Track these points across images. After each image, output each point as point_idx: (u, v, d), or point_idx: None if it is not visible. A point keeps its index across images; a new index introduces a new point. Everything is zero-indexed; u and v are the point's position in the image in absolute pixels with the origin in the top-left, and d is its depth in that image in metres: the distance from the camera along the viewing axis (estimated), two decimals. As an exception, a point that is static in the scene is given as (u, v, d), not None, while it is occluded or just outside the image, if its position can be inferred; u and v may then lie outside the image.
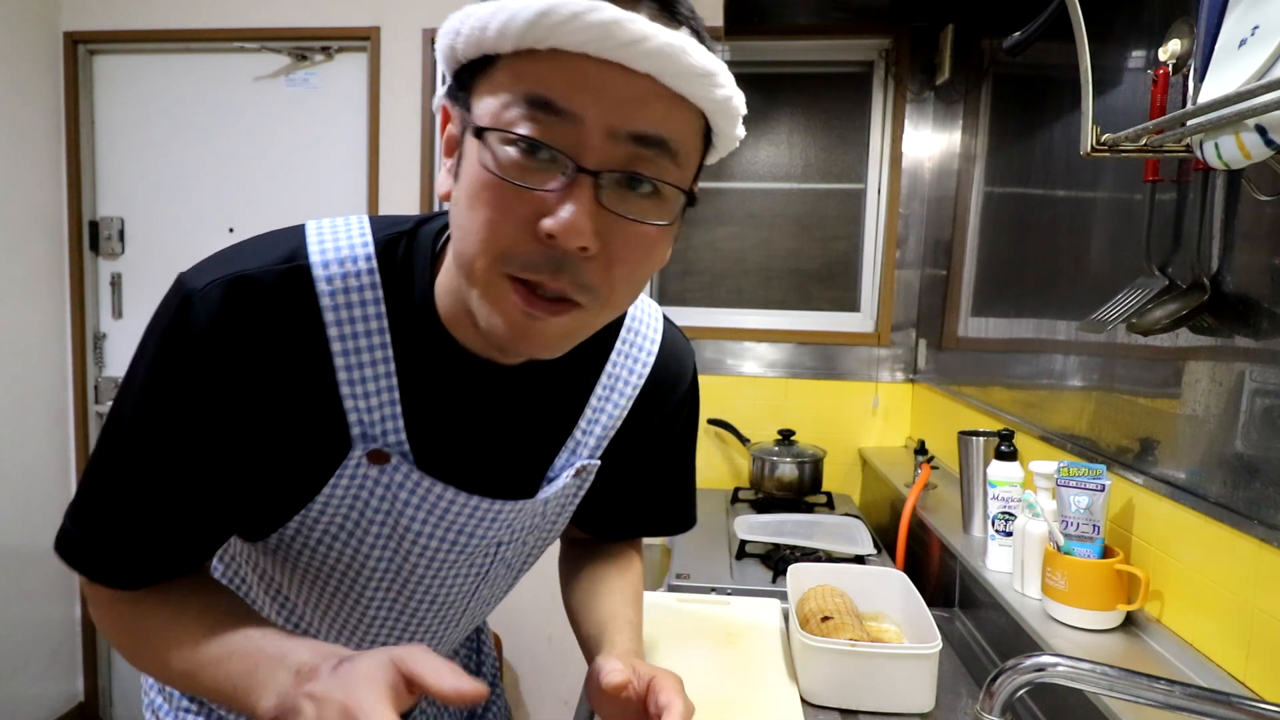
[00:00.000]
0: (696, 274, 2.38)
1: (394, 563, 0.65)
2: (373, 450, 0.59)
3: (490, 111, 0.48)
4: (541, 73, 0.46)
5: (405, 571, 0.66)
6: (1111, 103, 1.18)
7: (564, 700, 2.43)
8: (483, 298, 0.51)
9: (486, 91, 0.49)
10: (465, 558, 0.68)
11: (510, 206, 0.48)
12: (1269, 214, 0.85)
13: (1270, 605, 0.81)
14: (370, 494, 0.61)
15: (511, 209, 0.48)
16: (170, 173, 2.46)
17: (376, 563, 0.65)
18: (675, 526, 0.88)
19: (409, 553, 0.65)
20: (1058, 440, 1.31)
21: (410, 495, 0.62)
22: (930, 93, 2.20)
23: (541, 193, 0.47)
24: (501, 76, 0.48)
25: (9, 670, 2.31)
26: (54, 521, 0.61)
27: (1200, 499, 0.93)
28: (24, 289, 2.34)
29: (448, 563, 0.67)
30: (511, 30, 0.45)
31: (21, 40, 2.31)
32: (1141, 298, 1.00)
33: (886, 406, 2.28)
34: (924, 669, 0.96)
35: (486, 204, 0.48)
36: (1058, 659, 0.61)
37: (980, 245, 1.80)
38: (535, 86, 0.47)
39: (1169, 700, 0.57)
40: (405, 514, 0.62)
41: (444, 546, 0.66)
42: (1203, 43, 0.73)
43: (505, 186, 0.47)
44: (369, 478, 0.60)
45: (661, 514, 0.87)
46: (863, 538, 1.64)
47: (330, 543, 0.64)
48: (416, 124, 2.33)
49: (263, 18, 2.36)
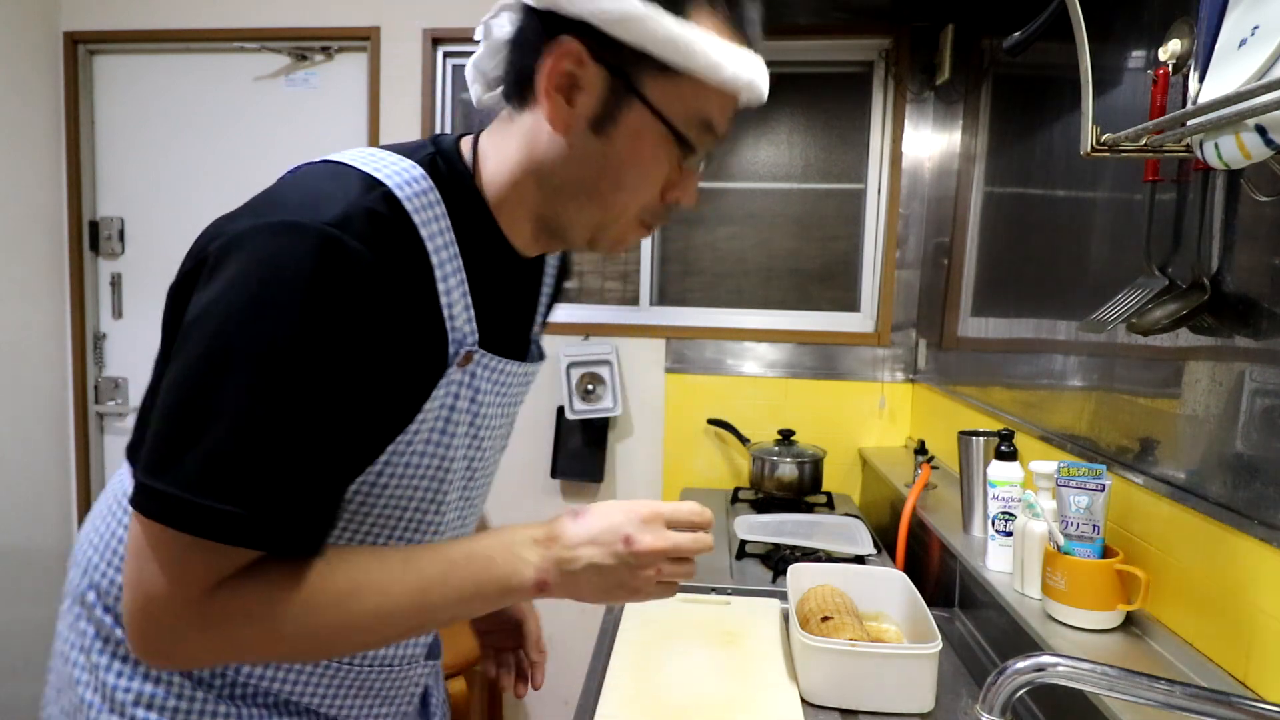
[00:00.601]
0: (696, 274, 2.38)
1: (469, 458, 0.71)
2: (465, 353, 0.66)
3: (675, 103, 0.63)
4: (719, 105, 0.65)
5: (476, 461, 0.73)
6: (1111, 103, 1.18)
7: (564, 700, 2.43)
8: (612, 226, 0.69)
9: (668, 87, 0.63)
10: (506, 423, 0.78)
11: (658, 177, 0.67)
12: (1269, 214, 0.85)
13: (1270, 605, 0.81)
14: (457, 398, 0.67)
15: (658, 179, 0.67)
16: (170, 173, 2.46)
17: (457, 465, 0.70)
18: None
19: (482, 441, 0.72)
20: (1058, 440, 1.31)
21: (484, 382, 0.69)
22: (930, 93, 2.20)
23: (680, 176, 0.68)
24: (686, 89, 0.63)
25: (9, 670, 2.31)
26: (54, 522, 0.59)
27: (1200, 499, 0.93)
28: (24, 289, 2.34)
29: (499, 433, 0.77)
30: (719, 75, 0.62)
31: (21, 40, 2.31)
32: (1141, 298, 0.99)
33: (887, 406, 2.28)
34: (925, 669, 0.96)
35: (649, 172, 0.66)
36: (1058, 659, 0.61)
37: (980, 245, 1.80)
38: (710, 112, 0.65)
39: (1169, 700, 0.57)
40: (483, 403, 0.70)
41: (500, 417, 0.75)
42: (1203, 43, 0.73)
43: (667, 164, 0.66)
44: (455, 382, 0.66)
45: None
46: (863, 538, 1.64)
47: (416, 468, 0.67)
48: (416, 124, 2.33)
49: (263, 18, 2.36)
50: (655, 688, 1.01)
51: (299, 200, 0.58)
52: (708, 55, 0.61)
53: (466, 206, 0.66)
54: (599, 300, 2.39)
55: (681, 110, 0.64)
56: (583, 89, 0.63)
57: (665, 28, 0.60)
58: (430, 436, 0.66)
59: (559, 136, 0.64)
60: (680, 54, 0.61)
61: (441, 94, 2.37)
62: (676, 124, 0.64)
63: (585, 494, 2.38)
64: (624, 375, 2.33)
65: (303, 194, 0.59)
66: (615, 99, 0.63)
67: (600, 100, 0.63)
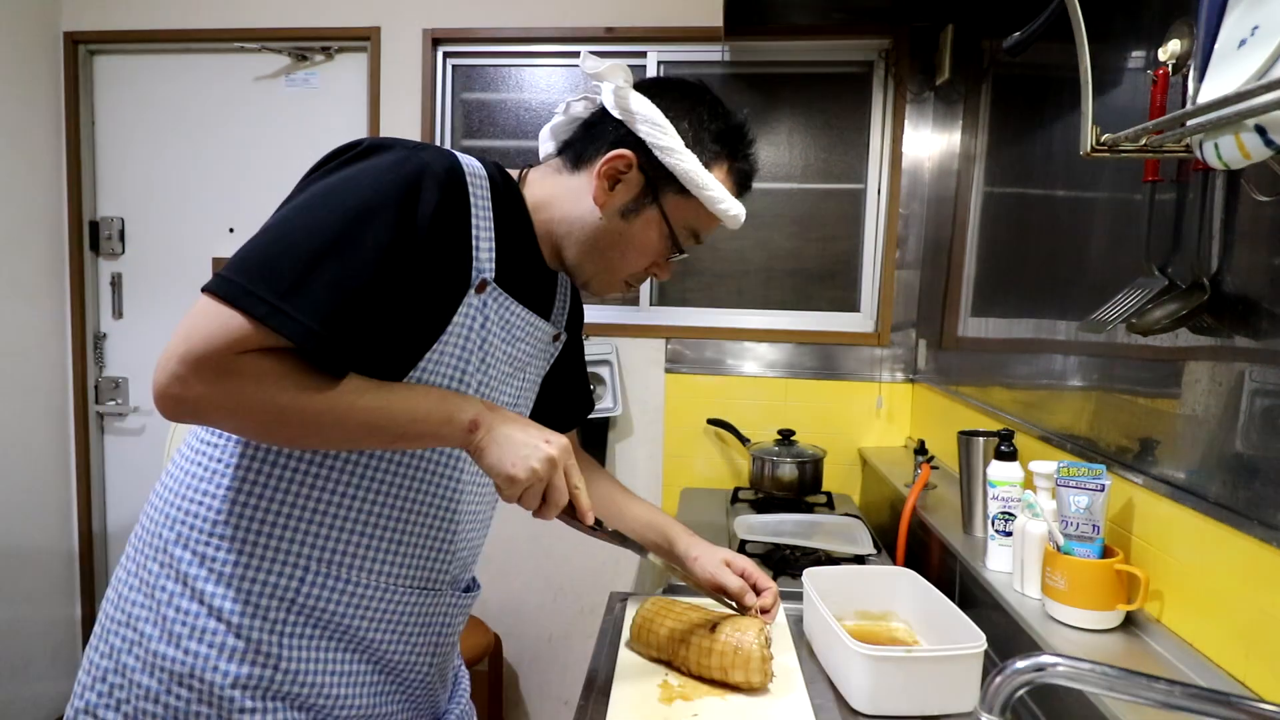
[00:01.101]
0: (696, 274, 2.38)
1: (479, 394, 0.86)
2: (481, 279, 0.83)
3: (681, 216, 0.90)
4: (708, 224, 0.93)
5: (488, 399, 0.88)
6: (1111, 103, 1.18)
7: (564, 700, 2.43)
8: (603, 279, 0.94)
9: (680, 204, 0.90)
10: (514, 378, 0.94)
11: (650, 258, 0.93)
12: (1269, 214, 0.85)
13: (1270, 605, 0.81)
14: (471, 325, 0.84)
15: (649, 259, 0.93)
16: (170, 173, 2.46)
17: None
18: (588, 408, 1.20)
19: (491, 379, 0.88)
20: (1057, 440, 1.31)
21: (493, 313, 0.86)
22: (930, 93, 2.20)
23: (664, 261, 0.95)
24: (692, 209, 0.90)
25: (9, 670, 2.31)
26: (54, 522, 0.61)
27: (1200, 499, 0.93)
28: (24, 289, 2.35)
29: (508, 384, 0.92)
30: (717, 207, 0.89)
31: (21, 40, 2.31)
32: (1141, 298, 1.00)
33: (887, 406, 2.28)
34: (971, 668, 0.95)
35: (646, 254, 0.92)
36: (1058, 659, 0.61)
37: (980, 245, 1.80)
38: (701, 228, 0.93)
39: (1169, 700, 0.57)
40: (489, 337, 0.86)
41: (506, 363, 0.91)
42: (1202, 43, 0.73)
43: (659, 253, 0.93)
44: (472, 306, 0.83)
45: (586, 399, 1.18)
46: (863, 538, 1.64)
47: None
48: (416, 124, 2.34)
49: (263, 18, 2.37)
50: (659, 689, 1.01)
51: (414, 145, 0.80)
52: (712, 194, 0.88)
53: (509, 196, 0.88)
54: (599, 300, 2.39)
55: (683, 221, 0.91)
56: (623, 184, 0.88)
57: (693, 168, 0.86)
58: (449, 360, 0.83)
59: (595, 209, 0.89)
60: (696, 188, 0.87)
61: (441, 94, 2.37)
62: (677, 230, 0.91)
63: (585, 494, 2.38)
64: (624, 375, 2.33)
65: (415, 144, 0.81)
66: (643, 199, 0.89)
67: (632, 196, 0.89)
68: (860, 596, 1.19)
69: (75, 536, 2.48)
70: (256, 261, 0.70)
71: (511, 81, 2.40)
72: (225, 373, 0.68)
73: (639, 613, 1.10)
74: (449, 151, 0.82)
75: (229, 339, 0.67)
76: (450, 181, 0.78)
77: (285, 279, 0.69)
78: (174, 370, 0.68)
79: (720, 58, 2.30)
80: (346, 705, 0.85)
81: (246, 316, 0.67)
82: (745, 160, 0.93)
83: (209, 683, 0.78)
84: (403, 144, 0.79)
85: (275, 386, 0.70)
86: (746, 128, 0.93)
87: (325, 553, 0.82)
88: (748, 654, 0.97)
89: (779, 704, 0.97)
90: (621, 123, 0.87)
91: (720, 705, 0.96)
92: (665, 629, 1.05)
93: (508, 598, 2.41)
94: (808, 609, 1.16)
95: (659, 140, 0.85)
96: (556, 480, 0.81)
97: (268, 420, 0.73)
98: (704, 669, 1.00)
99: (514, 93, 2.40)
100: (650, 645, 1.06)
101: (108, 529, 2.55)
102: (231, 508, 0.80)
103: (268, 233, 0.72)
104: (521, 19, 2.31)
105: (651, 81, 0.92)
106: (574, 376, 1.13)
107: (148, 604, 0.81)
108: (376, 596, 0.85)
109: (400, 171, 0.75)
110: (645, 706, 0.96)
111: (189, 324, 0.68)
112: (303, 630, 0.82)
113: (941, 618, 1.07)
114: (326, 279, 0.70)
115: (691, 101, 0.90)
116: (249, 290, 0.68)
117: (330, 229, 0.71)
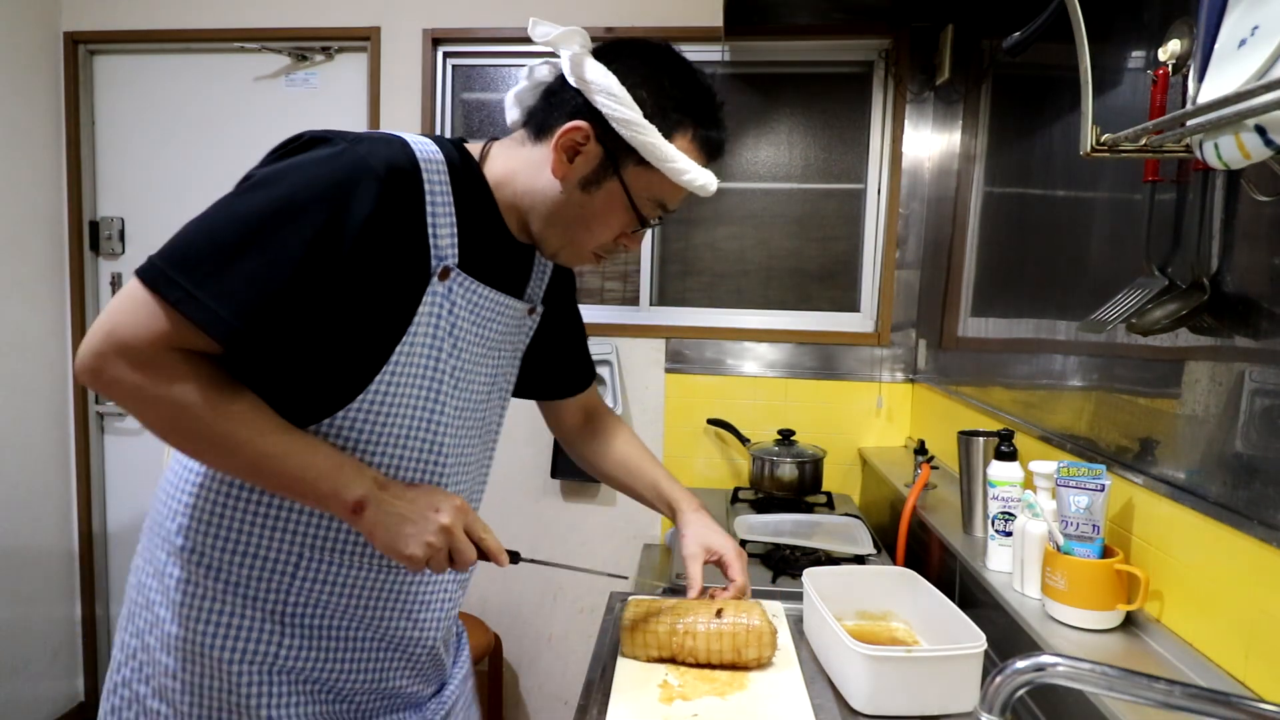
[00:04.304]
0: (696, 274, 2.38)
1: (456, 388, 0.88)
2: (442, 268, 0.82)
3: (643, 187, 0.86)
4: (673, 193, 0.88)
5: (464, 383, 0.90)
6: (1111, 103, 1.18)
7: (564, 700, 2.43)
8: (571, 251, 0.91)
9: (643, 176, 0.85)
10: (489, 361, 0.94)
11: (614, 230, 0.90)
12: (1269, 214, 0.85)
13: (1270, 605, 0.81)
14: (439, 314, 0.83)
15: (614, 232, 0.90)
16: (170, 173, 2.46)
17: (445, 387, 0.86)
18: (590, 377, 1.20)
19: (465, 365, 0.89)
20: (1057, 440, 1.31)
21: (460, 298, 0.86)
22: (930, 93, 2.20)
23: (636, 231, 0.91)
24: (655, 180, 0.85)
25: (9, 670, 2.31)
26: (54, 522, 0.62)
27: (1200, 499, 0.93)
28: (24, 289, 2.34)
29: (483, 370, 0.93)
30: (682, 179, 0.84)
31: (21, 40, 2.31)
32: (1141, 298, 0.99)
33: (887, 406, 2.28)
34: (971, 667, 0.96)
35: (610, 227, 0.89)
36: (1058, 659, 0.61)
37: (980, 245, 1.80)
38: (667, 200, 0.89)
39: (1169, 700, 0.57)
40: (458, 324, 0.86)
41: (479, 345, 0.91)
42: (1202, 43, 0.73)
43: (623, 225, 0.89)
44: (437, 294, 0.83)
45: (586, 366, 1.18)
46: (863, 538, 1.64)
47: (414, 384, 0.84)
48: (416, 124, 2.33)
49: (263, 18, 2.37)
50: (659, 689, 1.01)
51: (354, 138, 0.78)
52: (675, 165, 0.83)
53: (469, 177, 0.87)
54: (599, 300, 2.39)
55: (645, 192, 0.87)
56: (582, 155, 0.84)
57: (652, 139, 0.81)
58: (421, 349, 0.83)
59: (555, 182, 0.86)
60: (656, 159, 0.83)
61: (441, 94, 2.37)
62: (638, 202, 0.87)
63: (585, 494, 2.38)
64: (624, 375, 2.33)
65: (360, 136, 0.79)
66: (602, 171, 0.85)
67: (591, 169, 0.85)
68: (860, 596, 1.19)
69: (75, 536, 2.48)
70: (181, 249, 0.71)
71: (511, 81, 2.40)
72: (145, 364, 0.70)
73: (626, 618, 1.10)
74: (396, 139, 0.80)
75: (156, 332, 0.69)
76: (391, 176, 0.76)
77: (204, 267, 0.70)
78: (98, 346, 0.70)
79: (720, 58, 2.30)
80: (352, 679, 0.90)
81: (161, 301, 0.69)
82: (713, 127, 0.87)
83: (217, 659, 0.83)
84: (343, 136, 0.77)
85: (187, 394, 0.71)
86: (713, 90, 0.87)
87: (320, 540, 0.85)
88: (759, 631, 1.03)
89: (779, 704, 0.97)
90: (579, 91, 0.83)
91: (720, 705, 0.96)
92: (665, 625, 1.05)
93: (508, 598, 2.41)
94: (808, 609, 1.16)
95: (616, 112, 0.80)
96: (457, 543, 0.81)
97: (166, 423, 0.74)
98: (714, 654, 1.03)
99: (514, 93, 2.40)
100: (649, 645, 1.06)
101: (108, 529, 2.55)
102: (228, 500, 0.84)
103: (198, 221, 0.73)
104: (522, 19, 2.31)
105: (610, 45, 0.87)
106: (566, 345, 1.13)
107: (159, 588, 0.86)
108: (373, 577, 0.88)
109: (333, 166, 0.74)
110: (645, 707, 0.96)
111: (114, 303, 0.71)
112: (304, 610, 0.86)
113: (941, 618, 1.07)
114: (245, 270, 0.70)
115: (652, 67, 0.84)
116: (170, 277, 0.69)
117: (254, 221, 0.71)
